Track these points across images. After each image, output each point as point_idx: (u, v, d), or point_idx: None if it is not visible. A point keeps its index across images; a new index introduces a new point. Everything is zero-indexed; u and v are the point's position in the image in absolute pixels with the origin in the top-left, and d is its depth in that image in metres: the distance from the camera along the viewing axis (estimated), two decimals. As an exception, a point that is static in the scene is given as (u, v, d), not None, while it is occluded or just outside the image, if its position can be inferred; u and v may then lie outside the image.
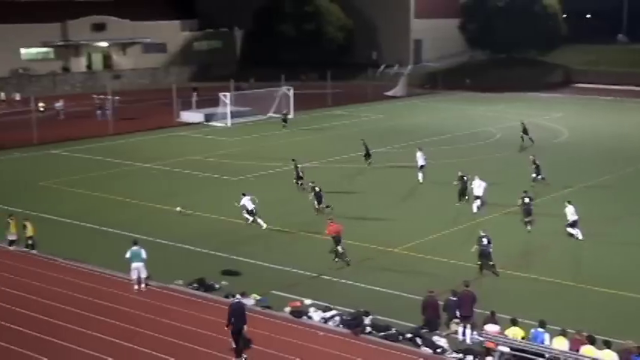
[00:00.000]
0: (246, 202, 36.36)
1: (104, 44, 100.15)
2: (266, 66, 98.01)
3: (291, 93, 72.10)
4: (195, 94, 76.22)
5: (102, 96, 73.59)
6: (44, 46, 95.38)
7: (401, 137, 59.64)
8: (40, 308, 26.09)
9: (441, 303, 24.93)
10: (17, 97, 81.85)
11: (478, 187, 38.75)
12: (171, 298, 27.16)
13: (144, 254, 28.05)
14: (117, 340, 23.60)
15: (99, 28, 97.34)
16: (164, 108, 74.47)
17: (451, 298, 24.80)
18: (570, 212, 34.15)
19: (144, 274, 28.03)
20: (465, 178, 40.12)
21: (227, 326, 22.84)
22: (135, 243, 28.55)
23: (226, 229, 35.68)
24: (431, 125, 66.55)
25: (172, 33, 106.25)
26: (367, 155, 49.29)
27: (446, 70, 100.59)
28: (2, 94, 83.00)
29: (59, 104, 73.18)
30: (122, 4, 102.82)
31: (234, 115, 68.20)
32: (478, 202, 38.52)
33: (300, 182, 43.10)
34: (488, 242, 29.78)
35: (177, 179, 46.54)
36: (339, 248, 31.07)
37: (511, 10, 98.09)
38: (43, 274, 29.60)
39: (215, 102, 69.66)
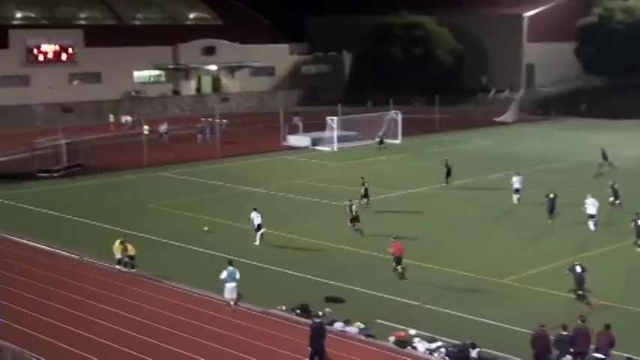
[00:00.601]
0: (255, 217, 37.78)
1: (213, 67, 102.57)
2: (374, 90, 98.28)
3: (399, 117, 72.00)
4: (296, 118, 76.99)
5: (209, 118, 75.28)
6: (156, 69, 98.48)
7: (509, 165, 58.51)
8: (140, 328, 26.63)
9: (551, 337, 24.22)
10: (124, 119, 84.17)
11: (592, 205, 39.72)
12: (268, 322, 27.27)
13: (238, 275, 28.70)
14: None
15: (209, 51, 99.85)
16: (271, 132, 75.56)
17: (563, 332, 24.06)
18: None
19: (235, 295, 28.65)
20: (552, 196, 41.90)
21: (310, 346, 23.29)
22: (230, 263, 29.19)
23: (330, 255, 35.77)
24: (542, 153, 65.17)
25: (281, 56, 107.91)
26: (448, 174, 50.88)
27: (559, 96, 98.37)
28: (111, 117, 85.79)
29: (163, 127, 74.82)
30: (232, 27, 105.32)
31: (340, 139, 68.61)
32: (592, 221, 39.51)
33: (365, 200, 44.79)
34: (583, 270, 29.59)
35: (283, 204, 47.03)
36: (399, 268, 32.31)
37: (631, 34, 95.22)
38: (144, 294, 30.29)
39: (322, 126, 70.28)
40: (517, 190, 46.19)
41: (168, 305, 28.94)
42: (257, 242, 37.44)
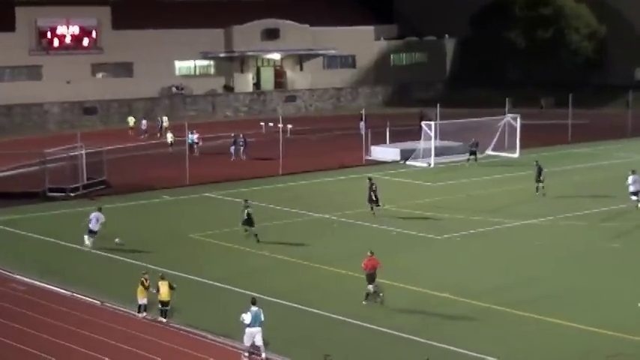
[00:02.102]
0: (94, 218, 44.12)
1: (276, 56, 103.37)
2: (484, 86, 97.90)
3: (517, 123, 71.46)
4: (362, 123, 77.44)
5: (270, 123, 75.81)
6: (203, 59, 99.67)
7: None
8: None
9: None
10: (143, 124, 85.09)
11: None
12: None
13: (263, 317, 29.54)
14: None
15: (271, 35, 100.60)
16: (350, 141, 75.76)
17: None
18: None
19: (260, 342, 29.29)
20: None
21: None
22: (253, 303, 29.93)
23: (426, 305, 35.63)
24: None
25: (363, 43, 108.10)
26: (538, 180, 55.45)
27: None
28: (131, 120, 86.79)
29: (193, 136, 73.50)
30: (301, 5, 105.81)
31: (439, 151, 68.57)
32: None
33: (372, 206, 50.79)
34: None
35: (364, 235, 47.15)
36: (371, 287, 35.08)
37: None
38: (176, 349, 30.76)
39: (415, 134, 70.29)
40: (635, 194, 51.17)
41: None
42: (88, 243, 44.11)
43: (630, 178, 51.47)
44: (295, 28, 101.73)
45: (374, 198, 50.97)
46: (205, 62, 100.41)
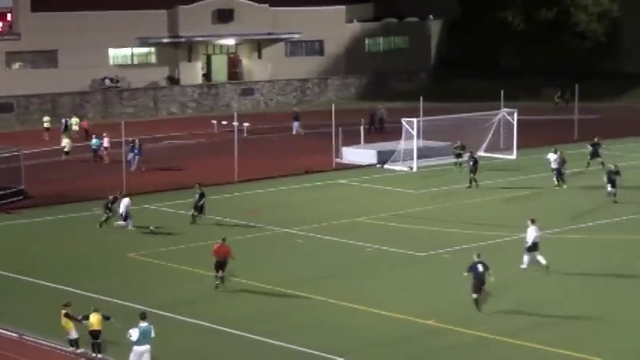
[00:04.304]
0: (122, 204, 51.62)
1: (230, 42, 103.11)
2: (475, 76, 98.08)
3: (514, 119, 71.59)
4: (296, 123, 76.61)
5: (223, 122, 75.30)
6: (142, 45, 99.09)
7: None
8: None
9: None
10: (63, 124, 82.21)
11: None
12: None
13: (153, 333, 30.72)
14: None
15: (224, 17, 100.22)
16: (317, 141, 75.59)
17: None
18: (530, 233, 42.77)
19: None
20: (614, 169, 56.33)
21: None
22: (143, 317, 30.92)
23: (408, 336, 35.60)
24: None
25: (333, 25, 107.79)
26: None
27: None
28: (46, 120, 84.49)
29: (97, 141, 72.12)
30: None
31: (423, 153, 68.66)
32: None
33: (195, 213, 53.26)
34: (485, 268, 37.51)
35: (332, 253, 47.04)
36: (220, 273, 40.43)
37: None
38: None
39: (394, 134, 70.32)
40: (555, 171, 60.51)
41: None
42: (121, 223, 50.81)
43: (551, 157, 61.30)
44: (252, 9, 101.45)
45: (200, 204, 53.31)
46: (145, 50, 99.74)
